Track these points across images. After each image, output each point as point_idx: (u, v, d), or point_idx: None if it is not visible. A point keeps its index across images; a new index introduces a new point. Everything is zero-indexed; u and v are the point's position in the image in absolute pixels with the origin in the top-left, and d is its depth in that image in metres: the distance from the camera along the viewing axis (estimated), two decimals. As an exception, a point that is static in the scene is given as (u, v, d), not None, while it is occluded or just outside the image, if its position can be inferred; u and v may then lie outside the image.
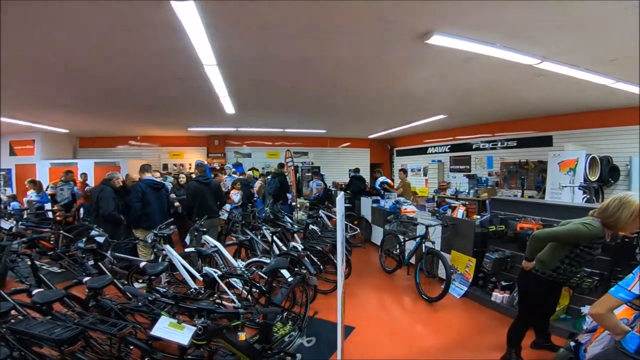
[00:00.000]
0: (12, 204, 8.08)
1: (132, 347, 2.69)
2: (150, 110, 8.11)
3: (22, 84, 5.48)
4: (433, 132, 11.63)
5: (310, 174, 12.09)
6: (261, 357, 2.41)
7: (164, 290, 3.41)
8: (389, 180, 8.32)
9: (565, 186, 6.41)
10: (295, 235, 5.94)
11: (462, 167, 10.89)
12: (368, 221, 7.86)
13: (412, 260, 5.40)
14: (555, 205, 4.60)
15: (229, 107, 7.49)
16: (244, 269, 3.75)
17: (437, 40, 3.78)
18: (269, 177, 10.00)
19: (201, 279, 3.90)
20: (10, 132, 10.27)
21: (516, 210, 4.63)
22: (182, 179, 6.91)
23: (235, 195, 7.43)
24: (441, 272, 4.78)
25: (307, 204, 9.88)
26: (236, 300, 3.68)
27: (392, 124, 10.62)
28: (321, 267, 4.77)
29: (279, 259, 3.63)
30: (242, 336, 2.36)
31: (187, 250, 4.49)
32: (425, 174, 12.27)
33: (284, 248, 5.06)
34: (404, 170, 8.44)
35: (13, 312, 2.59)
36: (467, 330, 3.87)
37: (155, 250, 4.31)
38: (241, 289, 3.83)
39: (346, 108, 8.06)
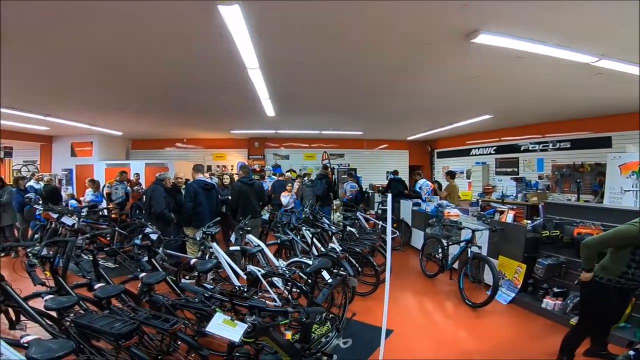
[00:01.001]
0: (70, 202, 8.69)
1: (179, 342, 2.75)
2: (197, 114, 8.53)
3: (82, 88, 5.93)
4: (477, 133, 11.18)
5: (345, 176, 12.06)
6: (300, 357, 2.43)
7: (212, 287, 3.54)
8: (430, 184, 8.05)
9: (628, 190, 5.89)
10: (333, 236, 5.94)
11: (509, 169, 10.35)
12: (408, 224, 7.69)
13: (455, 265, 5.25)
14: (615, 210, 4.31)
15: (269, 110, 7.69)
16: (284, 269, 3.82)
17: (483, 39, 3.69)
18: (305, 178, 10.11)
19: (245, 277, 3.99)
20: (72, 135, 11.26)
21: (572, 214, 4.40)
22: (226, 179, 7.15)
23: (285, 198, 7.55)
24: (487, 278, 4.62)
25: (342, 206, 9.87)
26: (277, 299, 3.74)
27: (433, 125, 10.36)
28: (359, 269, 4.74)
29: (322, 260, 3.64)
30: (289, 335, 2.40)
31: (231, 248, 4.62)
32: (468, 177, 11.81)
33: (322, 249, 5.09)
34: (450, 173, 8.11)
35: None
36: (514, 336, 3.72)
37: (202, 247, 4.49)
38: (282, 288, 3.90)
39: (385, 109, 8.00)
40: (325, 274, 3.77)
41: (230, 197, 6.11)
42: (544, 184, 9.10)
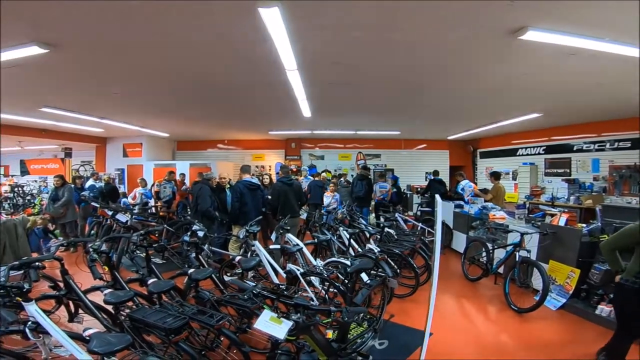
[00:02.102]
0: (122, 200, 9.28)
1: (222, 338, 2.79)
2: (237, 116, 8.84)
3: (134, 92, 6.33)
4: (524, 132, 10.58)
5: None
6: (336, 356, 2.43)
7: (254, 284, 3.63)
8: (473, 185, 7.73)
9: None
10: (371, 238, 5.89)
11: (560, 170, 9.70)
12: (449, 227, 7.43)
13: (500, 270, 5.07)
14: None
15: (306, 111, 7.79)
16: (321, 268, 3.85)
17: (532, 36, 3.55)
18: (341, 179, 10.11)
19: (284, 275, 4.05)
20: (123, 136, 12.05)
21: (633, 218, 4.03)
22: (266, 179, 7.32)
23: (327, 198, 7.59)
24: (536, 283, 4.45)
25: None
26: (314, 298, 3.77)
27: (476, 124, 9.96)
28: (398, 270, 4.67)
29: (363, 260, 3.63)
30: (330, 334, 2.41)
31: (271, 247, 4.74)
32: (514, 178, 11.20)
33: (359, 250, 5.06)
34: (495, 174, 7.73)
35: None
36: (564, 342, 3.54)
37: (244, 245, 4.63)
38: (320, 287, 3.93)
39: (424, 109, 7.84)
40: (363, 275, 3.76)
41: (270, 197, 6.26)
42: (599, 186, 8.46)
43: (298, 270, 3.84)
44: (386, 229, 5.80)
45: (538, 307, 4.08)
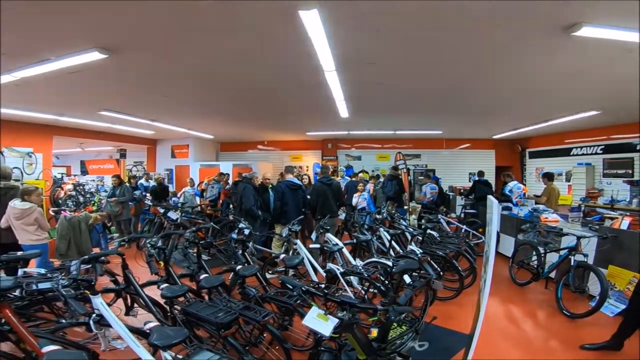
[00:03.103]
0: (172, 199, 9.77)
1: (264, 334, 2.87)
2: (276, 117, 9.02)
3: (182, 96, 6.63)
4: (579, 130, 9.86)
5: (422, 177, 11.58)
6: (376, 356, 2.41)
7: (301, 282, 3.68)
8: (522, 186, 7.31)
9: None
10: (412, 239, 5.78)
11: (620, 171, 8.93)
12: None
13: (551, 274, 4.85)
14: None
15: (343, 111, 7.78)
16: (361, 268, 3.84)
17: (587, 32, 3.37)
18: (381, 179, 9.98)
19: (323, 274, 4.10)
20: (171, 138, 12.75)
21: None
22: (305, 179, 7.43)
23: (355, 198, 7.59)
24: (593, 288, 4.22)
25: (418, 208, 9.51)
26: (354, 298, 3.76)
27: (524, 123, 9.42)
28: (440, 272, 4.55)
29: (408, 261, 3.59)
30: (375, 332, 2.40)
31: (311, 246, 4.81)
32: (568, 179, 10.46)
33: (400, 251, 4.98)
34: (548, 175, 7.28)
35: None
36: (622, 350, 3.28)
37: (286, 244, 4.73)
38: (360, 287, 3.92)
39: (468, 107, 7.55)
40: (405, 276, 3.71)
41: (309, 197, 6.34)
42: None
43: (338, 269, 3.87)
44: (428, 231, 5.68)
45: (593, 312, 3.87)
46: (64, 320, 2.83)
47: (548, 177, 7.21)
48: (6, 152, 7.90)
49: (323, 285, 3.67)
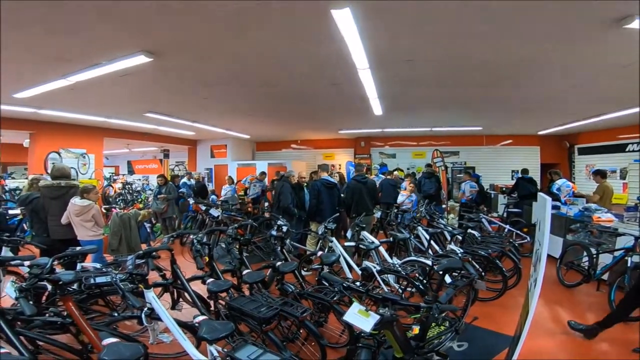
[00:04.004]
0: (212, 197, 10.12)
1: (301, 330, 2.88)
2: (309, 116, 9.11)
3: (221, 97, 6.83)
4: (633, 125, 9.07)
5: (461, 175, 11.19)
6: (413, 354, 2.37)
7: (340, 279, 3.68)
8: (571, 184, 6.87)
9: None
10: (452, 238, 5.62)
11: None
12: (540, 230, 6.72)
13: (603, 276, 4.57)
14: None
15: (377, 109, 7.69)
16: (398, 267, 3.78)
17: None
18: (419, 176, 9.77)
19: (359, 272, 4.08)
20: (211, 139, 13.23)
21: None
22: (336, 177, 7.45)
23: (402, 197, 7.52)
24: None
25: (457, 207, 9.20)
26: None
27: (574, 117, 8.82)
28: (482, 273, 4.39)
29: (451, 259, 3.52)
30: (416, 330, 2.37)
31: (347, 244, 4.81)
32: (623, 177, 9.69)
33: (439, 250, 4.86)
34: (600, 172, 6.82)
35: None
36: None
37: (321, 241, 4.78)
38: (397, 286, 3.87)
39: (510, 103, 7.22)
40: (446, 276, 3.62)
41: (344, 195, 6.35)
42: None
43: (375, 267, 3.85)
44: (469, 230, 5.50)
45: (649, 315, 3.58)
46: (116, 314, 2.95)
47: (601, 174, 6.74)
48: (63, 153, 8.59)
49: (360, 283, 3.70)
